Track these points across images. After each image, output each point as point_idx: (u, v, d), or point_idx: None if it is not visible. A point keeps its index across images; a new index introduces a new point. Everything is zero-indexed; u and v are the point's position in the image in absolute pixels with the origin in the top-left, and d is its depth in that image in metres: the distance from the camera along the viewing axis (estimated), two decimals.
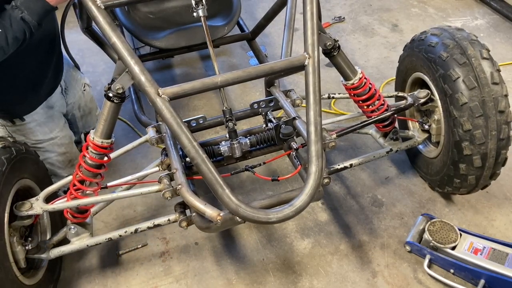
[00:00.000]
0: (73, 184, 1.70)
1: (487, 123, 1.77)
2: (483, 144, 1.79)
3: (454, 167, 1.93)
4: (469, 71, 1.77)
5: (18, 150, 1.75)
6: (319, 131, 1.56)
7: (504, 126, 1.78)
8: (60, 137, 2.10)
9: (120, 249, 2.13)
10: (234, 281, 1.98)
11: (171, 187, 1.68)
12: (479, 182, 1.92)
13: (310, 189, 1.48)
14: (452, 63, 1.80)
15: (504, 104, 1.77)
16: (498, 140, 1.79)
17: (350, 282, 1.95)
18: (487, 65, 1.78)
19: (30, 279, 1.76)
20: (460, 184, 1.96)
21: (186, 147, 1.49)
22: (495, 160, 1.84)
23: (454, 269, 1.90)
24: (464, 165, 1.88)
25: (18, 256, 1.70)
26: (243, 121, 2.17)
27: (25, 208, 1.70)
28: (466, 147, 1.82)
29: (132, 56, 1.49)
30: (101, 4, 1.51)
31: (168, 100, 1.49)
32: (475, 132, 1.78)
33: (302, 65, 1.60)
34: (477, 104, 1.76)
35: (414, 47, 2.02)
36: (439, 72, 1.85)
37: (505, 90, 1.78)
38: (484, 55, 1.79)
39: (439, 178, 2.08)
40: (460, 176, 1.93)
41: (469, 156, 1.83)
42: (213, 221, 1.54)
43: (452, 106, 1.82)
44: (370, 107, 1.95)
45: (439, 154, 2.04)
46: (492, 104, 1.75)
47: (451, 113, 1.83)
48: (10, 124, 1.98)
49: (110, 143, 1.67)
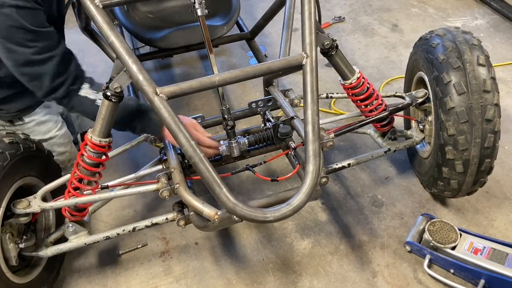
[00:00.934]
0: (71, 182, 1.70)
1: (472, 130, 1.75)
2: (465, 151, 1.78)
3: (438, 169, 1.93)
4: (461, 76, 1.76)
5: (27, 147, 1.73)
6: (316, 131, 1.55)
7: (490, 135, 1.76)
8: (59, 136, 2.10)
9: (120, 249, 2.13)
10: (234, 281, 1.98)
11: (169, 186, 1.69)
12: (462, 188, 1.91)
13: (308, 188, 1.48)
14: (447, 66, 1.79)
15: (492, 113, 1.74)
16: (482, 148, 1.77)
17: (350, 282, 1.95)
18: (482, 72, 1.76)
19: (22, 277, 1.74)
20: (443, 187, 1.97)
21: (183, 146, 1.48)
22: (478, 167, 1.82)
23: (454, 269, 1.90)
24: (447, 169, 1.88)
25: (9, 253, 1.69)
26: (242, 120, 2.17)
27: (22, 206, 1.70)
28: (449, 151, 1.82)
29: (130, 55, 1.49)
30: (99, 3, 1.51)
31: (166, 99, 1.49)
32: (458, 137, 1.77)
33: (300, 64, 1.60)
34: (463, 110, 1.74)
35: (419, 45, 2.02)
36: (434, 73, 1.85)
37: (496, 99, 1.76)
38: (480, 61, 1.77)
39: (427, 178, 2.09)
40: (443, 179, 1.93)
41: (451, 160, 1.83)
42: (211, 220, 1.54)
43: (440, 109, 1.82)
44: (368, 106, 1.95)
45: (429, 155, 2.05)
46: (479, 111, 1.74)
47: (439, 116, 1.83)
48: (9, 124, 1.98)
49: (108, 142, 1.66)
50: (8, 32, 1.55)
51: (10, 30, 1.55)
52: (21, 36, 1.57)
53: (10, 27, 1.54)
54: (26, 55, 1.60)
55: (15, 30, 1.55)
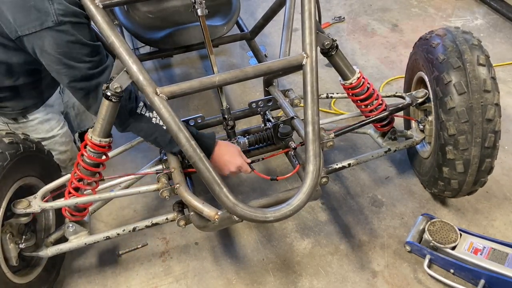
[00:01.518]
0: (71, 182, 1.70)
1: (472, 130, 1.75)
2: (466, 150, 1.78)
3: (439, 169, 1.93)
4: (462, 76, 1.76)
5: (27, 147, 1.73)
6: (316, 131, 1.55)
7: (490, 134, 1.76)
8: (61, 135, 2.10)
9: (120, 249, 2.13)
10: (234, 281, 1.98)
11: (169, 186, 1.69)
12: (462, 188, 1.91)
13: (308, 188, 1.48)
14: (447, 66, 1.79)
15: (493, 112, 1.74)
16: (482, 148, 1.77)
17: (350, 282, 1.94)
18: (482, 72, 1.76)
19: (22, 277, 1.75)
20: (444, 187, 1.97)
21: (184, 146, 1.49)
22: (478, 167, 1.82)
23: (454, 269, 1.90)
24: (447, 168, 1.88)
25: (9, 253, 1.69)
26: (242, 120, 2.17)
27: (22, 206, 1.70)
28: (449, 151, 1.82)
29: (130, 55, 1.50)
30: (99, 3, 1.51)
31: (166, 99, 1.49)
32: (459, 137, 1.77)
33: (300, 64, 1.60)
34: (464, 110, 1.74)
35: (419, 45, 2.02)
36: (434, 73, 1.85)
37: (496, 98, 1.76)
38: (480, 61, 1.77)
39: (427, 178, 2.09)
40: (444, 179, 1.93)
41: (452, 160, 1.83)
42: (211, 220, 1.55)
43: (440, 109, 1.82)
44: (368, 106, 1.95)
45: (429, 155, 2.05)
46: (479, 111, 1.74)
47: (439, 116, 1.83)
48: (12, 122, 1.98)
49: (108, 142, 1.66)
50: (67, 47, 1.56)
51: (68, 46, 1.56)
52: (78, 51, 1.58)
53: (68, 43, 1.55)
54: (83, 70, 1.61)
55: (72, 46, 1.56)
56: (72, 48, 1.57)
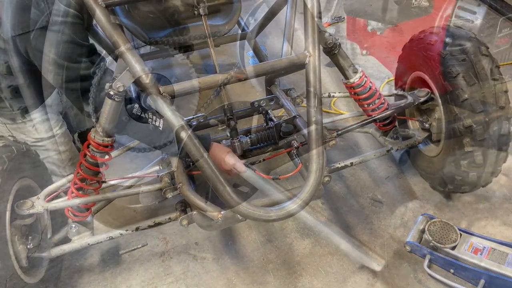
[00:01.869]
0: (74, 182, 1.69)
1: (488, 119, 1.76)
2: (484, 141, 1.78)
3: (456, 164, 1.92)
4: (469, 68, 1.76)
5: (19, 149, 1.75)
6: (319, 130, 1.56)
7: (505, 122, 1.77)
8: (60, 135, 2.10)
9: (120, 249, 2.13)
10: (234, 281, 1.98)
11: (172, 185, 1.68)
12: (481, 179, 1.91)
13: (311, 187, 1.48)
14: (451, 60, 1.80)
15: (504, 99, 1.76)
16: (499, 136, 1.78)
17: (350, 282, 1.95)
18: (487, 62, 1.77)
19: (32, 277, 1.75)
20: (461, 181, 1.96)
21: (187, 145, 1.48)
22: (497, 156, 1.83)
23: (454, 269, 1.90)
24: (466, 162, 1.87)
25: (19, 254, 1.69)
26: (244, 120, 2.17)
27: (26, 206, 1.70)
28: (467, 144, 1.81)
29: (133, 54, 1.49)
30: (102, 3, 1.51)
31: (169, 99, 1.49)
32: (476, 128, 1.77)
33: (303, 63, 1.60)
34: (477, 100, 1.75)
35: (413, 46, 2.02)
36: (438, 69, 1.85)
37: (505, 86, 1.77)
38: (483, 51, 1.78)
39: (439, 176, 2.07)
40: (462, 173, 1.92)
41: (470, 153, 1.83)
42: (214, 219, 1.54)
43: (452, 103, 1.82)
44: (370, 106, 1.95)
45: (439, 153, 2.04)
46: (493, 100, 1.74)
47: (452, 110, 1.83)
48: (11, 122, 1.98)
49: (111, 141, 1.66)
50: (61, 47, 1.55)
51: (62, 46, 1.55)
52: (71, 52, 1.58)
53: (63, 43, 1.55)
54: (76, 70, 1.60)
55: (65, 46, 1.56)
56: (65, 48, 1.56)
